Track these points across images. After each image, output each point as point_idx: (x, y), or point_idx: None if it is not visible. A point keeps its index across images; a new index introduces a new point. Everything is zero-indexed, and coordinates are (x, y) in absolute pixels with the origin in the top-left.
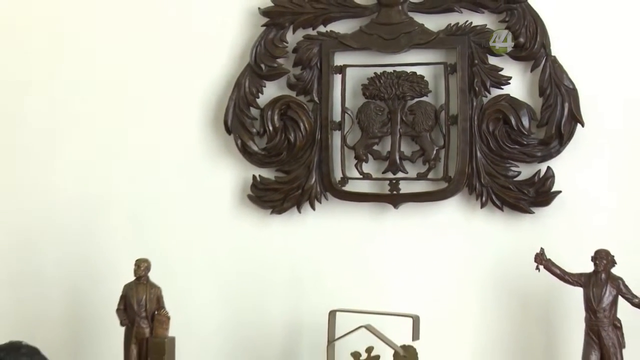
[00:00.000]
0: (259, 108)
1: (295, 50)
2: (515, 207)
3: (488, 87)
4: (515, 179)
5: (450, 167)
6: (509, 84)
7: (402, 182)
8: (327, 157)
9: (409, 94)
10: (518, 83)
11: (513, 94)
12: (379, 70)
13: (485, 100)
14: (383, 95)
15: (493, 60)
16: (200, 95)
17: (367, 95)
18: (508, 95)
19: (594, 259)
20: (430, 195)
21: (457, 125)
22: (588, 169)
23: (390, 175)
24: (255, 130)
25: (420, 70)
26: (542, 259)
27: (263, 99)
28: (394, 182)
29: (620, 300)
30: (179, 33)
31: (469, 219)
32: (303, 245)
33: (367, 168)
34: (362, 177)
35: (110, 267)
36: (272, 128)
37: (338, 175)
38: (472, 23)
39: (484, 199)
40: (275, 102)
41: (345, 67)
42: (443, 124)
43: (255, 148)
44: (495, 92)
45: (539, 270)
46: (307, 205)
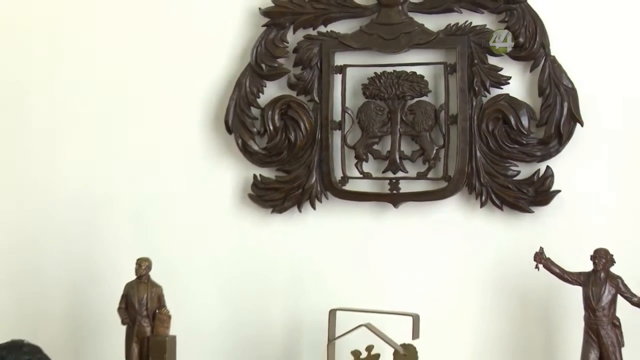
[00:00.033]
0: (260, 108)
1: (296, 50)
2: (515, 206)
3: (487, 86)
4: (515, 179)
5: (450, 166)
6: (509, 84)
7: (402, 181)
8: (327, 156)
9: (409, 94)
10: (517, 83)
11: (512, 94)
12: (379, 70)
13: (485, 100)
14: (383, 95)
15: (492, 60)
16: (201, 95)
17: (367, 95)
18: (507, 95)
19: (593, 258)
20: (430, 195)
21: (456, 125)
22: (587, 169)
23: (390, 175)
24: (256, 130)
25: (420, 70)
26: (541, 258)
27: (264, 99)
28: (394, 181)
29: (619, 299)
30: (180, 33)
31: (469, 218)
32: (303, 245)
33: (367, 167)
34: (362, 176)
35: (112, 266)
36: (272, 128)
37: (338, 175)
38: (471, 23)
39: (484, 198)
40: (276, 101)
41: (346, 67)
42: (443, 124)
43: (256, 147)
44: (495, 91)
45: (539, 269)
46: (307, 205)
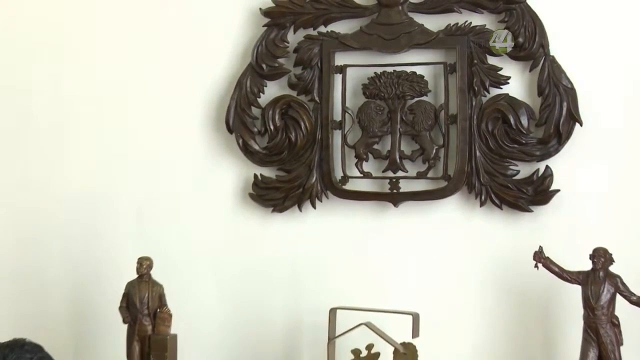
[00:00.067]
0: (260, 107)
1: (296, 50)
2: (514, 205)
3: (487, 86)
4: (514, 178)
5: (450, 166)
6: (508, 84)
7: (402, 180)
8: (327, 156)
9: (409, 94)
10: (517, 83)
11: (512, 94)
12: (379, 70)
13: (485, 100)
14: (383, 95)
15: (492, 60)
16: (202, 95)
17: (367, 95)
18: (507, 95)
19: (592, 257)
20: (430, 194)
21: (456, 125)
22: (586, 168)
23: (390, 174)
24: (257, 130)
25: (420, 70)
26: (540, 257)
27: (264, 99)
28: (394, 180)
29: (618, 298)
30: (181, 34)
31: (469, 218)
32: (304, 244)
33: (367, 167)
34: (362, 175)
35: (113, 265)
36: (273, 127)
37: (339, 174)
38: (471, 23)
39: (483, 198)
40: (277, 101)
41: (346, 66)
42: (442, 123)
43: (257, 147)
44: (495, 91)
45: (538, 268)
46: (307, 204)
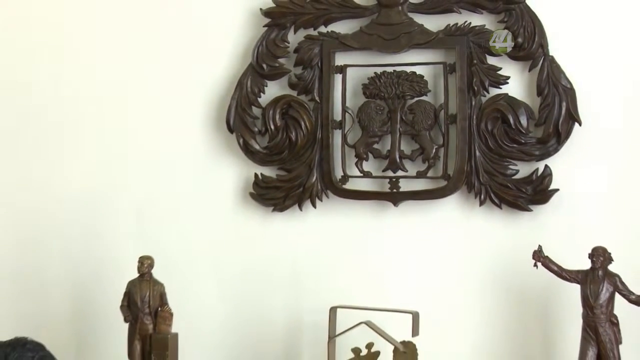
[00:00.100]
0: (261, 107)
1: (297, 50)
2: (514, 204)
3: (487, 86)
4: (514, 177)
5: (450, 165)
6: (507, 84)
7: (401, 180)
8: (327, 155)
9: (409, 94)
10: (516, 82)
11: (511, 94)
12: (379, 70)
13: (484, 100)
14: (383, 95)
15: (491, 60)
16: (203, 95)
17: (367, 95)
18: (506, 95)
19: (591, 256)
20: (430, 193)
21: (456, 124)
22: (585, 167)
23: (390, 174)
24: (257, 129)
25: (420, 70)
26: (540, 256)
27: (265, 99)
28: (394, 180)
29: (617, 297)
30: (182, 34)
31: (468, 217)
32: (304, 243)
33: (367, 166)
34: (362, 175)
35: (114, 264)
36: (273, 127)
37: (339, 174)
38: (470, 23)
39: (483, 197)
40: (277, 101)
41: (346, 66)
42: (442, 123)
43: (257, 147)
44: (494, 91)
45: (537, 267)
46: (308, 203)
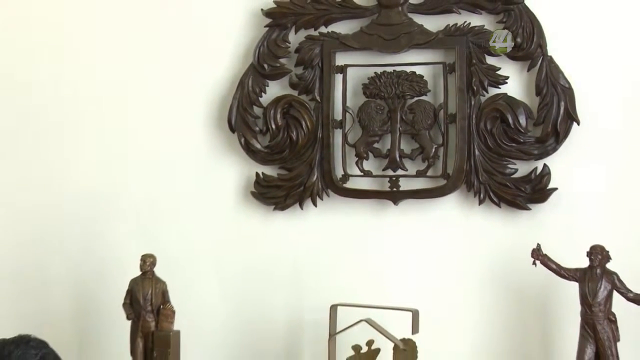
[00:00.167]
0: (262, 107)
1: (298, 51)
2: (513, 203)
3: (486, 86)
4: (513, 176)
5: (449, 164)
6: (506, 84)
7: (401, 179)
8: (328, 154)
9: (409, 93)
10: (515, 82)
11: (510, 93)
12: (379, 70)
13: (483, 99)
14: (383, 95)
15: (491, 60)
16: (205, 95)
17: (367, 95)
18: (505, 95)
19: (590, 254)
20: (429, 192)
21: (455, 124)
22: (584, 166)
23: (390, 173)
24: (259, 129)
25: (420, 70)
26: (538, 255)
27: (266, 98)
28: (394, 179)
29: (615, 295)
30: (184, 35)
31: (467, 215)
32: (305, 241)
33: (367, 165)
34: (362, 174)
35: (117, 262)
36: (274, 126)
37: (339, 173)
38: (470, 24)
39: (482, 196)
40: (278, 101)
41: (346, 66)
42: (442, 123)
43: (259, 146)
44: (493, 91)
45: (536, 266)
46: (309, 202)
